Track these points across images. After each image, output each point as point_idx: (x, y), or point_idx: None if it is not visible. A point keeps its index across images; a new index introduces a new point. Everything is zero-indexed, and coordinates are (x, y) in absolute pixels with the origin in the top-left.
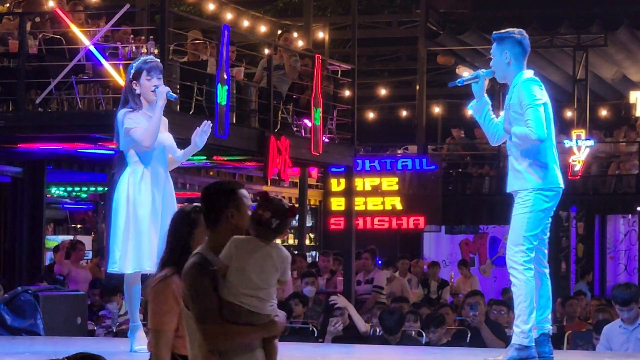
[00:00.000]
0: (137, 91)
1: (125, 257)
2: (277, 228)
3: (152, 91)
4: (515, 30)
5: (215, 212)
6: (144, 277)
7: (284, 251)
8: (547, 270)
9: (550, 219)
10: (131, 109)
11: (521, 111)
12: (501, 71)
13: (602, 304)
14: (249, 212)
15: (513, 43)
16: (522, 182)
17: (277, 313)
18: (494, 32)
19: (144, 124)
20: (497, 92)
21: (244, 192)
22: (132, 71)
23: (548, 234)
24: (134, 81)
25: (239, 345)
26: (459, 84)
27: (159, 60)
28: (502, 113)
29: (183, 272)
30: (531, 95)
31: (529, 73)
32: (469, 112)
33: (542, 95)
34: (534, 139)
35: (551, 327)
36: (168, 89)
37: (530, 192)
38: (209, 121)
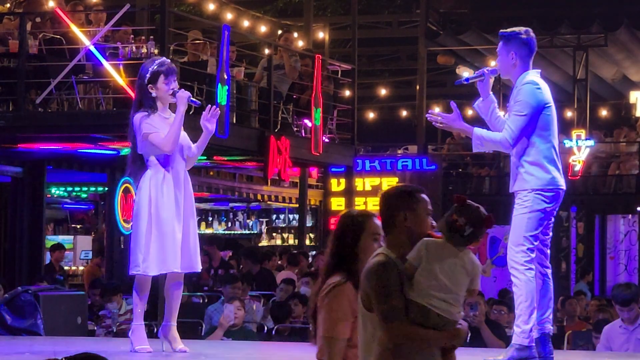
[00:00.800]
0: (154, 94)
1: (148, 259)
2: (470, 236)
3: (171, 94)
4: (522, 29)
5: (390, 215)
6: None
7: (475, 258)
8: (549, 271)
9: (552, 220)
10: (147, 113)
11: None
12: (506, 71)
13: (602, 304)
14: (428, 217)
15: (520, 44)
16: (522, 182)
17: (462, 322)
18: (501, 30)
19: (161, 127)
20: (498, 92)
21: (423, 196)
22: (148, 75)
23: (550, 234)
24: (150, 84)
25: (422, 349)
26: (465, 82)
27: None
28: (502, 113)
29: (367, 271)
30: (524, 102)
31: (533, 74)
32: (470, 112)
33: (538, 100)
34: (503, 149)
35: (552, 328)
36: (189, 94)
37: (529, 193)
38: (213, 106)
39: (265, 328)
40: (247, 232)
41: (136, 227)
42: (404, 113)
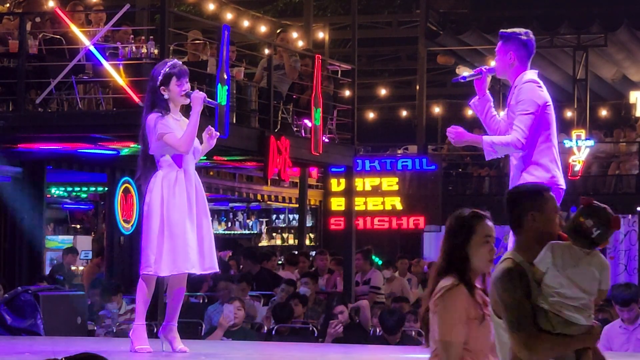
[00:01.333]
0: (166, 96)
1: (160, 260)
2: (597, 238)
3: (183, 95)
4: (522, 31)
5: (519, 214)
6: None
7: (603, 259)
8: None
9: None
10: (160, 114)
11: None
12: (503, 71)
13: (602, 304)
14: (556, 217)
15: (519, 45)
16: (522, 182)
17: (593, 322)
18: (501, 29)
19: (175, 128)
20: (497, 92)
21: (550, 195)
22: (160, 77)
23: None
24: (163, 86)
25: (554, 355)
26: (462, 80)
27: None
28: (502, 113)
29: (494, 278)
30: (527, 99)
31: (531, 73)
32: (470, 112)
33: (541, 98)
34: (515, 150)
35: None
36: (205, 95)
37: None
38: (214, 131)
39: (265, 328)
40: (247, 232)
41: (148, 228)
42: (404, 113)
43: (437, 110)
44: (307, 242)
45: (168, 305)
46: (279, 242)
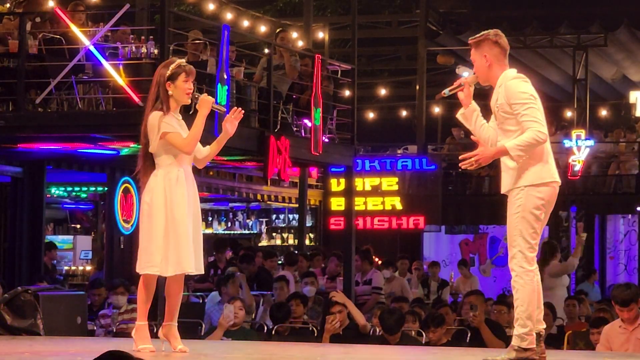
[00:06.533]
0: (170, 92)
1: (166, 259)
2: None
3: (187, 95)
4: (491, 31)
5: None
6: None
7: None
8: (536, 270)
9: (547, 217)
10: (162, 112)
11: (511, 111)
12: (484, 75)
13: (602, 304)
14: None
15: (490, 45)
16: (515, 179)
17: None
18: (470, 38)
19: (178, 127)
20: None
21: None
22: (169, 72)
23: (540, 233)
24: (169, 82)
25: None
26: (445, 95)
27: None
28: (490, 121)
29: None
30: (522, 93)
31: (513, 71)
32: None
33: (532, 90)
34: (542, 142)
35: (543, 327)
36: (213, 99)
37: (523, 190)
38: (240, 108)
39: (265, 328)
40: (247, 232)
41: (151, 227)
42: (404, 113)
43: (437, 110)
44: (307, 242)
45: (167, 305)
46: (278, 242)
